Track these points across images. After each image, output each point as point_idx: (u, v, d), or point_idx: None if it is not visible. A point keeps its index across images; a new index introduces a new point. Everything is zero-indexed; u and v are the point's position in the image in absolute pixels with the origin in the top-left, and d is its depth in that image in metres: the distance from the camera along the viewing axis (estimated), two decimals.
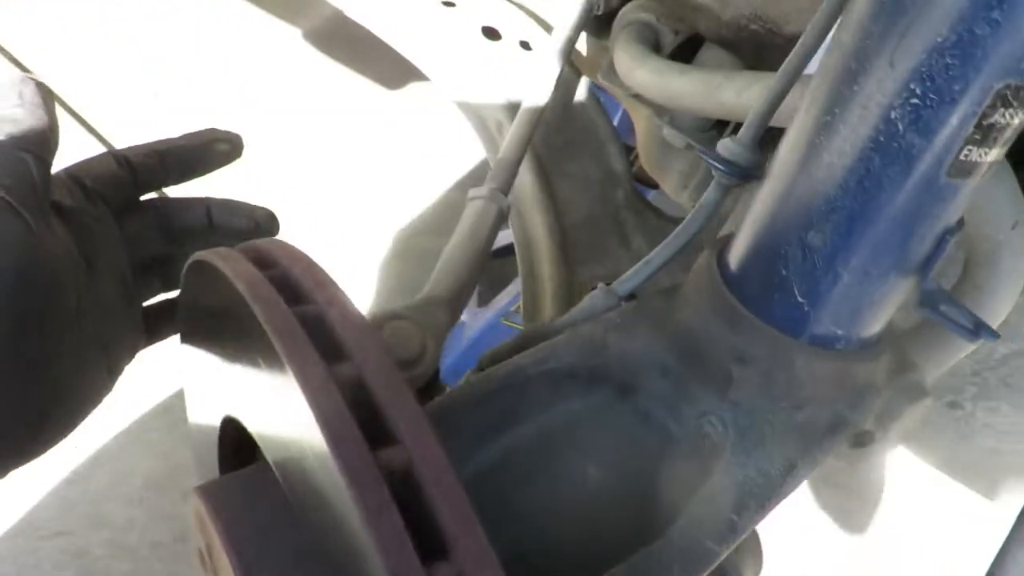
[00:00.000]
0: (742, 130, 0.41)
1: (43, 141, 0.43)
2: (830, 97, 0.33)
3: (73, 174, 0.50)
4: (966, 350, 0.55)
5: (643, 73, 0.69)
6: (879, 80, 0.31)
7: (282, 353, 0.29)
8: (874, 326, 0.38)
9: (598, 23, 0.79)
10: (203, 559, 0.40)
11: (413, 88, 2.44)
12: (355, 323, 0.31)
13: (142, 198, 0.55)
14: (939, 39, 0.30)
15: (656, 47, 0.75)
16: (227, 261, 0.34)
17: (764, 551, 0.57)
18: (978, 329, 0.35)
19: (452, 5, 0.80)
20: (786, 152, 0.36)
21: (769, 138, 0.42)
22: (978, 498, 0.83)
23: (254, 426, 0.37)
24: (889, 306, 0.37)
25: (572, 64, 0.84)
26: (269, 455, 0.35)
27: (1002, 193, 0.48)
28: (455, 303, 0.60)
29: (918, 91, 0.31)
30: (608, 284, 0.45)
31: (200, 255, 0.37)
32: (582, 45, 0.81)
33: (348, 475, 0.25)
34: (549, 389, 0.42)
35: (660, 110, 0.82)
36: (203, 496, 0.35)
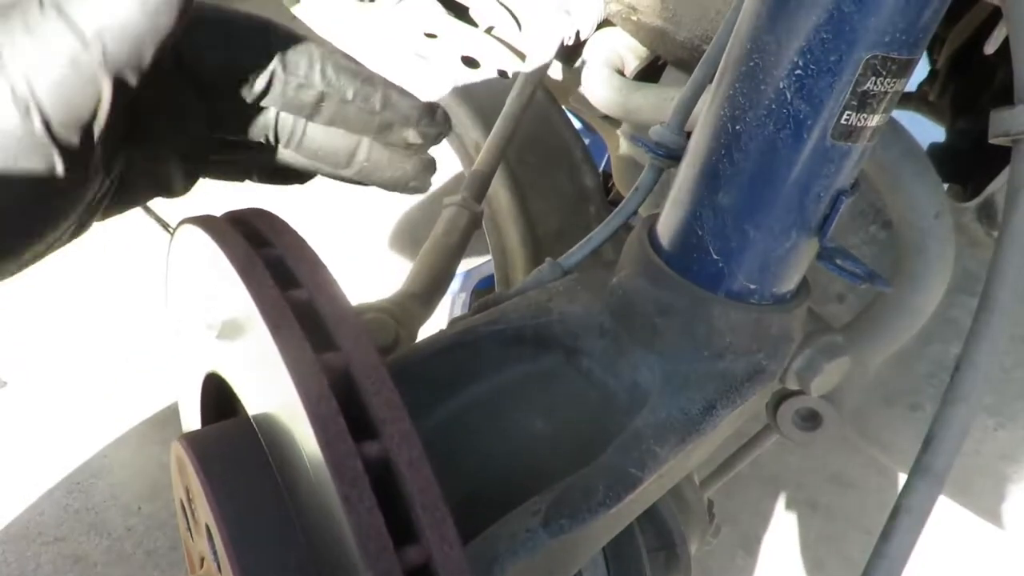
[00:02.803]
0: (669, 116, 0.46)
1: (139, 54, 0.32)
2: (732, 75, 0.38)
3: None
4: (902, 334, 0.59)
5: (606, 92, 0.75)
6: (769, 56, 0.36)
7: (277, 343, 0.31)
8: (786, 283, 0.42)
9: (569, 51, 0.85)
10: (183, 507, 0.43)
11: None
12: (344, 314, 0.34)
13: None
14: (815, 18, 0.35)
15: (621, 72, 0.81)
16: (219, 235, 0.36)
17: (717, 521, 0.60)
18: (871, 277, 0.39)
19: (434, 37, 0.87)
20: (700, 128, 0.41)
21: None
22: (946, 501, 0.85)
23: (237, 386, 0.39)
24: (796, 263, 0.41)
25: (546, 89, 0.90)
26: (250, 411, 0.37)
27: (923, 186, 0.52)
28: (429, 297, 0.65)
29: (800, 63, 0.36)
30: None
31: (190, 221, 0.38)
32: (556, 72, 0.87)
33: (335, 469, 0.29)
34: (500, 350, 0.46)
35: (633, 134, 0.88)
36: (187, 445, 0.37)
